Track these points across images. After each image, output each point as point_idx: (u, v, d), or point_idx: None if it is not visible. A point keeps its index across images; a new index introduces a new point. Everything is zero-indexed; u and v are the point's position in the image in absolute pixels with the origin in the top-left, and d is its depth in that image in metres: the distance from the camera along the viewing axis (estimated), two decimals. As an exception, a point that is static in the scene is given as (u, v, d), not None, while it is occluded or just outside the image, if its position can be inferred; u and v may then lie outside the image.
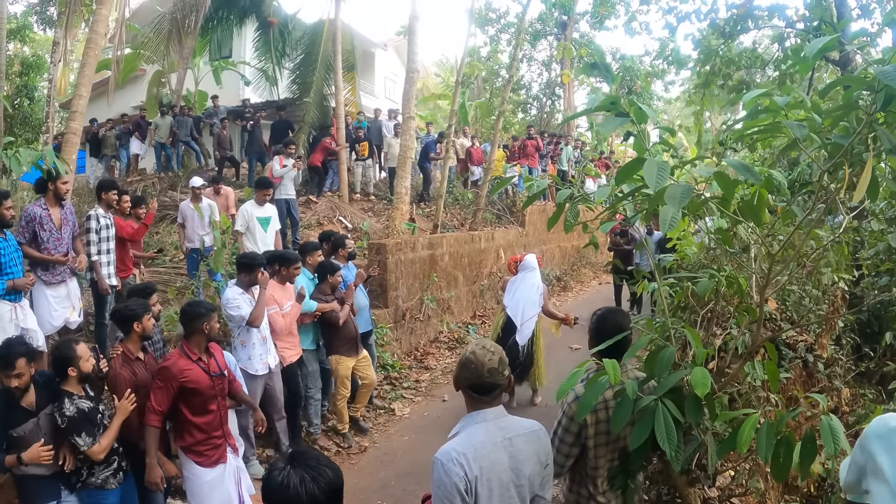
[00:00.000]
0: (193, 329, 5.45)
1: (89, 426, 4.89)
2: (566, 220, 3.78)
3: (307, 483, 2.32)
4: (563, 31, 31.09)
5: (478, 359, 3.09)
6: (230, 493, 5.51)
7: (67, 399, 4.87)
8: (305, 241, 9.60)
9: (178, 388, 5.22)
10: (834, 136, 3.07)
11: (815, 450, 3.01)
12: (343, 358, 8.08)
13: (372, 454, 8.12)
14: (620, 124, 2.99)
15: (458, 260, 14.52)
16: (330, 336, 8.17)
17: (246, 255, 7.44)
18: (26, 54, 26.49)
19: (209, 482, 5.40)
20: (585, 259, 21.90)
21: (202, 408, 5.39)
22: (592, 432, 3.60)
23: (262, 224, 10.25)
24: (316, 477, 2.34)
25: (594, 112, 3.21)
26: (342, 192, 17.58)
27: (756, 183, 2.95)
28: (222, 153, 18.34)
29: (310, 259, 8.57)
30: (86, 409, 4.92)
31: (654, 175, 2.78)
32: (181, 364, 5.29)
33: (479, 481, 2.95)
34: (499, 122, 18.67)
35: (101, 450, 4.90)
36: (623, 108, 3.01)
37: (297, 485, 2.31)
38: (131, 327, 5.51)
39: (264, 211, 10.39)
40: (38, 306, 7.29)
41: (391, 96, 31.84)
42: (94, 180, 19.57)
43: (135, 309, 5.54)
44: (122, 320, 5.58)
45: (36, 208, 7.26)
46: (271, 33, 21.01)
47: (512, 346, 9.03)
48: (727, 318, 5.27)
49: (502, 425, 3.12)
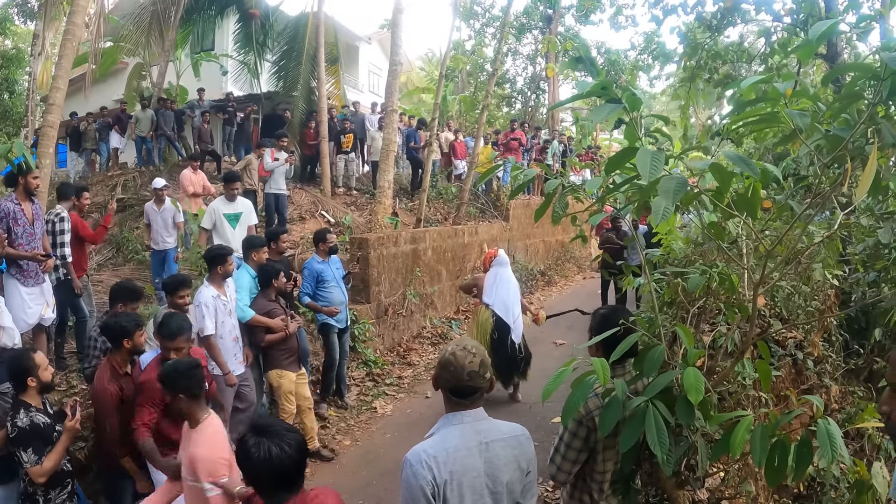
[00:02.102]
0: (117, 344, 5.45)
1: (39, 443, 4.66)
2: (554, 211, 3.66)
3: (285, 450, 2.89)
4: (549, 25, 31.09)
5: (458, 361, 3.00)
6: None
7: (24, 409, 4.68)
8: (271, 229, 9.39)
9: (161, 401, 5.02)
10: (834, 129, 2.95)
11: (811, 454, 2.91)
12: (286, 372, 7.57)
13: (354, 452, 7.98)
14: (612, 111, 2.86)
15: (442, 254, 14.41)
16: (270, 349, 7.57)
17: (212, 248, 7.33)
18: (7, 47, 26.21)
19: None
20: (570, 254, 21.86)
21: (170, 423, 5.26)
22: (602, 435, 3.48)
23: (229, 221, 9.84)
24: (287, 442, 2.92)
25: (585, 97, 3.08)
26: (324, 186, 17.48)
27: (753, 176, 2.84)
28: (203, 147, 18.23)
29: (255, 255, 7.96)
30: (41, 423, 4.71)
31: (647, 165, 2.65)
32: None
33: (449, 486, 2.88)
34: (483, 116, 18.61)
35: (44, 472, 4.64)
36: (615, 94, 2.89)
37: (279, 453, 2.87)
38: (122, 343, 5.40)
39: (233, 207, 9.97)
40: (11, 304, 7.10)
41: (375, 90, 31.83)
42: (75, 174, 19.55)
43: (126, 325, 5.42)
44: (112, 336, 5.46)
45: (8, 203, 7.09)
46: (253, 25, 20.81)
47: (510, 345, 8.99)
48: (716, 315, 5.18)
49: (480, 429, 3.03)
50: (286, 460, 2.87)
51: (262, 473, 2.89)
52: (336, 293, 8.80)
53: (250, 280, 7.74)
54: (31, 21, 23.65)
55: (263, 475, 2.90)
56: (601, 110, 2.90)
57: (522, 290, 16.94)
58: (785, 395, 5.42)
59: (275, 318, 7.51)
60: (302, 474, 2.98)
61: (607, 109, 2.88)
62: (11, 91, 22.99)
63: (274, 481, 2.91)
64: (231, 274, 7.12)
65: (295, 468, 2.92)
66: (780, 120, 2.91)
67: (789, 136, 3.01)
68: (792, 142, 3.18)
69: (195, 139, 18.75)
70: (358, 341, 10.69)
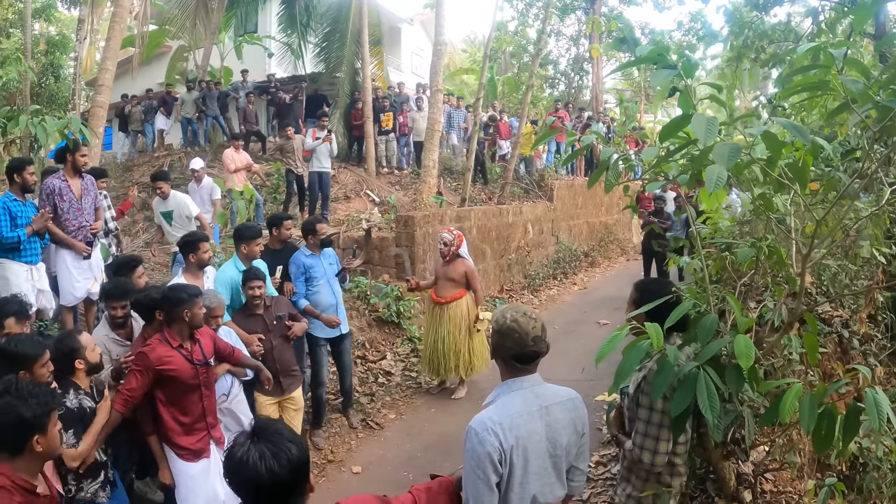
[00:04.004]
0: (174, 316, 5.02)
1: (80, 427, 4.49)
2: (607, 179, 3.69)
3: (267, 459, 2.23)
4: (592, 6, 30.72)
5: (521, 327, 2.98)
6: (216, 488, 5.12)
7: (74, 390, 4.58)
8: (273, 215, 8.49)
9: (154, 376, 4.86)
10: (882, 99, 2.95)
11: (857, 424, 2.94)
12: (260, 396, 6.47)
13: (398, 426, 8.11)
14: (668, 77, 2.90)
15: (486, 234, 14.44)
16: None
17: (185, 235, 6.86)
18: (52, 33, 26.71)
19: (192, 477, 5.07)
20: (613, 235, 21.74)
21: (183, 398, 5.05)
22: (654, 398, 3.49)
23: (165, 218, 9.56)
24: (277, 453, 2.26)
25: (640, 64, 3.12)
26: (369, 165, 17.61)
27: (805, 146, 2.85)
28: (248, 127, 18.47)
29: (244, 248, 6.94)
30: (87, 408, 4.59)
31: (703, 129, 2.69)
32: (160, 351, 4.91)
33: (514, 451, 2.88)
34: (527, 97, 18.58)
35: (78, 455, 4.43)
36: (670, 61, 2.92)
37: (257, 461, 2.23)
38: (154, 317, 5.31)
39: (166, 205, 9.56)
40: (60, 277, 7.36)
41: (417, 71, 31.75)
42: (122, 156, 19.84)
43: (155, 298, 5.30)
44: (144, 310, 5.40)
45: (55, 180, 7.28)
46: (296, 7, 20.98)
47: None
48: (762, 292, 5.18)
49: (539, 393, 3.04)
50: (265, 474, 2.22)
51: (240, 485, 2.29)
52: (324, 294, 7.50)
53: (234, 277, 6.76)
54: (74, 8, 24.09)
55: (242, 487, 2.30)
56: (658, 75, 2.93)
57: (564, 270, 17.02)
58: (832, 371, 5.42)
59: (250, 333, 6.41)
60: (295, 497, 2.35)
61: (663, 74, 2.92)
62: (57, 76, 23.44)
63: (252, 497, 2.30)
64: (207, 262, 6.57)
65: (283, 489, 2.28)
66: (831, 87, 2.92)
67: (840, 107, 3.02)
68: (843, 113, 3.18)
69: (240, 120, 19.00)
70: (403, 318, 10.82)
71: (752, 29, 13.78)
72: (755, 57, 14.13)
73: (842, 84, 2.78)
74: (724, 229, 5.89)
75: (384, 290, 10.94)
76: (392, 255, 12.16)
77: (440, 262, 9.01)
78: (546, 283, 16.05)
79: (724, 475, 4.39)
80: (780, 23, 14.82)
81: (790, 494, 4.82)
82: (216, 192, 10.98)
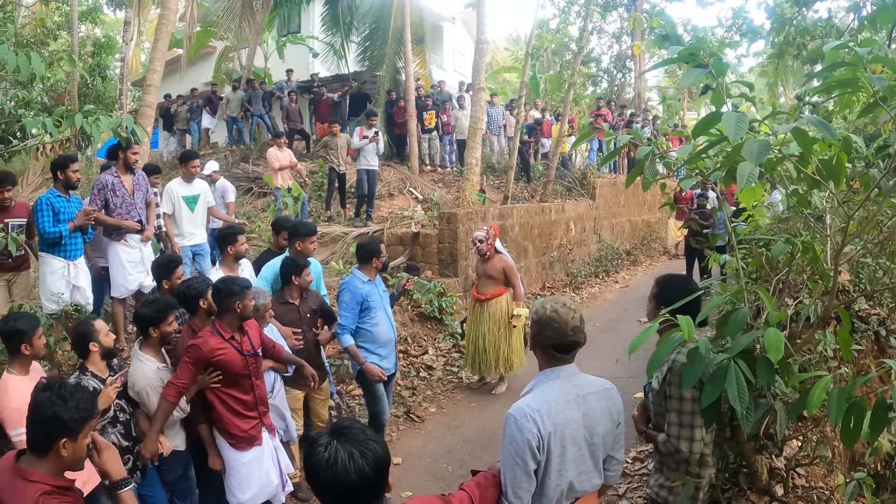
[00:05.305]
0: (225, 307, 5.05)
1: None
2: (644, 177, 3.75)
3: (356, 458, 2.20)
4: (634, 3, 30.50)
5: (561, 317, 3.04)
6: (269, 473, 5.26)
7: (80, 372, 4.72)
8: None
9: (206, 367, 4.95)
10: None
11: (885, 417, 2.92)
12: (291, 390, 6.30)
13: (439, 419, 8.22)
14: (699, 76, 2.95)
15: (528, 231, 14.51)
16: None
17: (224, 227, 6.95)
18: (97, 35, 27.19)
19: (246, 465, 5.15)
20: (655, 234, 21.65)
21: (235, 387, 5.11)
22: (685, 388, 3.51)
23: (188, 203, 8.96)
24: (364, 452, 2.22)
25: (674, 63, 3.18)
26: (412, 163, 17.73)
27: (834, 141, 2.90)
28: (291, 126, 18.70)
29: (299, 245, 6.75)
30: (89, 388, 4.47)
31: (733, 126, 2.74)
32: (212, 343, 4.94)
33: (552, 438, 2.93)
34: (569, 95, 18.65)
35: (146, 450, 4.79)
36: (702, 60, 2.98)
37: (346, 461, 2.19)
38: (198, 306, 5.37)
39: (191, 189, 9.04)
40: (113, 270, 7.60)
41: (459, 69, 31.79)
42: (168, 155, 20.14)
43: (198, 287, 5.40)
44: (188, 300, 5.42)
45: (107, 176, 7.51)
46: (339, 7, 21.17)
47: None
48: (799, 289, 5.21)
49: (575, 382, 3.10)
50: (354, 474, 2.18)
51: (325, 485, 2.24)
52: (383, 326, 6.47)
53: (272, 272, 6.60)
54: (119, 10, 24.50)
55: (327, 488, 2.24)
56: (689, 75, 2.99)
57: (606, 269, 17.02)
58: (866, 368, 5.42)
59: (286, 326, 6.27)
60: (378, 496, 2.31)
61: (695, 73, 2.99)
62: (104, 76, 23.81)
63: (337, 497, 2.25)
64: (243, 255, 6.64)
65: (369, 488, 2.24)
66: (859, 85, 2.95)
67: (871, 105, 3.07)
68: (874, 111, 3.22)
69: (284, 118, 19.21)
70: (445, 314, 10.97)
71: (793, 25, 13.66)
72: (797, 54, 14.01)
73: (869, 81, 2.82)
74: (764, 227, 5.91)
75: (427, 286, 11.07)
76: (435, 252, 12.28)
77: (479, 259, 9.04)
78: (588, 281, 16.10)
79: (757, 469, 4.43)
80: (821, 19, 14.68)
81: (822, 490, 4.85)
82: (230, 194, 10.90)
